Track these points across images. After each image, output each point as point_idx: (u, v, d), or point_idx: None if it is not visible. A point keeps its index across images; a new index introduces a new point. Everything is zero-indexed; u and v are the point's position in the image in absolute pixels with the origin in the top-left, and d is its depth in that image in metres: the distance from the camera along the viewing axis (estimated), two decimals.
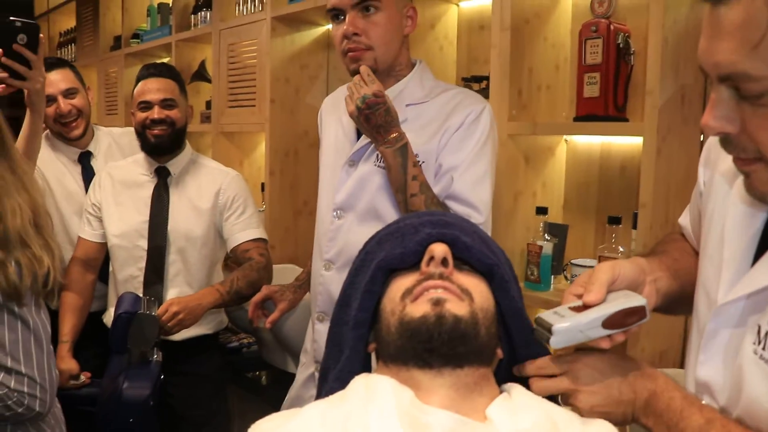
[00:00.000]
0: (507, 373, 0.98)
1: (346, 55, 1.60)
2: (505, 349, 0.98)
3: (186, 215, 2.19)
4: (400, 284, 0.95)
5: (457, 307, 0.88)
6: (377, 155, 1.59)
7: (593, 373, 0.90)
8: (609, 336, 0.88)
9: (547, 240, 1.98)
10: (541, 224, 2.02)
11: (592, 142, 2.14)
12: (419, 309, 0.89)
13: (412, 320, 0.88)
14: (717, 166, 0.97)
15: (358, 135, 1.66)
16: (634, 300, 0.86)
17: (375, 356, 1.01)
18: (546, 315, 0.91)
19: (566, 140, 2.19)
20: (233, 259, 2.28)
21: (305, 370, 1.79)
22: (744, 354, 0.83)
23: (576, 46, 1.97)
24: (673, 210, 1.75)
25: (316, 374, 1.71)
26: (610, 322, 0.86)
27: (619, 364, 0.91)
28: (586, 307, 0.88)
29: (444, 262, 0.93)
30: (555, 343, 0.87)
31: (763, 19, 0.68)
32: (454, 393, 0.88)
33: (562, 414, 0.87)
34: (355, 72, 1.57)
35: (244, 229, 2.21)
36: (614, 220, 1.84)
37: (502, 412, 0.85)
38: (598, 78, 1.88)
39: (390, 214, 1.58)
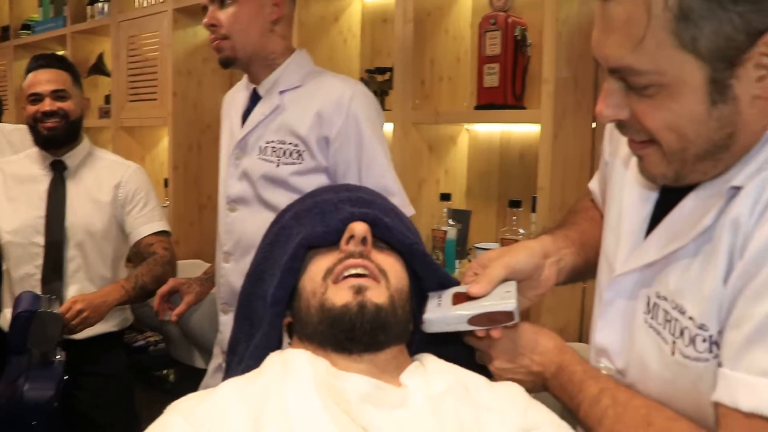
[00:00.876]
0: (418, 345, 1.00)
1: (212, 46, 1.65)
2: (417, 321, 1.00)
3: (85, 209, 2.10)
4: (321, 264, 0.94)
5: (377, 295, 0.90)
6: (259, 147, 1.61)
7: (509, 343, 0.94)
8: (487, 329, 0.92)
9: (451, 225, 2.03)
10: (445, 210, 2.06)
11: (492, 130, 2.20)
12: (341, 297, 0.89)
13: (334, 308, 0.89)
14: (618, 147, 1.02)
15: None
16: (505, 304, 0.91)
17: (287, 331, 1.00)
18: (431, 297, 0.98)
19: (467, 129, 2.25)
20: (137, 254, 2.21)
21: (215, 360, 1.77)
22: (636, 321, 0.88)
23: (476, 38, 2.02)
24: (569, 192, 1.82)
25: (224, 365, 1.69)
26: (476, 321, 0.91)
27: (534, 338, 0.95)
28: (468, 297, 0.94)
29: (363, 240, 0.94)
30: (425, 329, 0.95)
31: (643, 18, 0.72)
32: (372, 368, 0.89)
33: (472, 378, 0.90)
34: (223, 63, 1.65)
35: (147, 222, 2.14)
36: (514, 204, 1.90)
37: (415, 378, 0.87)
38: (497, 68, 1.93)
39: (280, 204, 1.57)
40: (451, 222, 2.04)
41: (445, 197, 2.06)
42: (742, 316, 0.73)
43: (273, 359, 0.89)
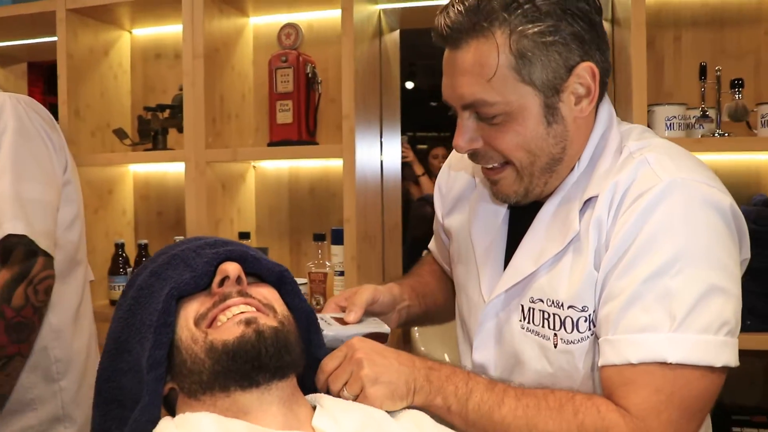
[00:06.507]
0: (303, 383, 0.90)
1: None
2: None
3: None
4: (189, 311, 0.82)
5: (268, 321, 0.80)
6: None
7: (378, 371, 0.85)
8: None
9: None
10: None
11: (281, 167, 2.12)
12: (231, 333, 0.78)
13: (228, 343, 0.77)
14: (449, 196, 1.13)
15: None
16: (382, 328, 1.02)
17: (164, 404, 0.82)
18: (319, 318, 0.98)
19: (254, 166, 2.14)
20: None
21: None
22: (513, 332, 0.94)
23: (259, 75, 1.94)
24: (372, 221, 1.81)
25: None
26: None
27: (396, 365, 0.87)
28: (345, 322, 1.00)
29: (239, 280, 0.83)
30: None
31: (493, 61, 0.85)
32: (283, 408, 0.79)
33: (377, 412, 0.82)
34: None
35: None
36: (319, 237, 1.84)
37: (326, 421, 0.79)
38: (290, 105, 1.87)
39: None
40: None
41: (245, 236, 1.93)
42: (613, 290, 0.83)
43: (167, 429, 0.72)
